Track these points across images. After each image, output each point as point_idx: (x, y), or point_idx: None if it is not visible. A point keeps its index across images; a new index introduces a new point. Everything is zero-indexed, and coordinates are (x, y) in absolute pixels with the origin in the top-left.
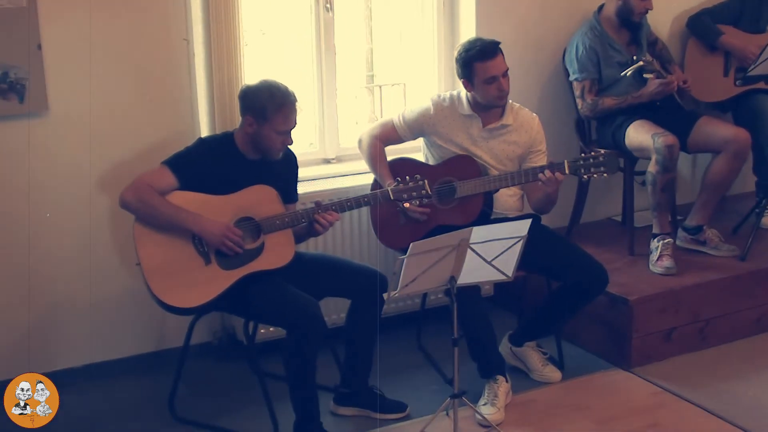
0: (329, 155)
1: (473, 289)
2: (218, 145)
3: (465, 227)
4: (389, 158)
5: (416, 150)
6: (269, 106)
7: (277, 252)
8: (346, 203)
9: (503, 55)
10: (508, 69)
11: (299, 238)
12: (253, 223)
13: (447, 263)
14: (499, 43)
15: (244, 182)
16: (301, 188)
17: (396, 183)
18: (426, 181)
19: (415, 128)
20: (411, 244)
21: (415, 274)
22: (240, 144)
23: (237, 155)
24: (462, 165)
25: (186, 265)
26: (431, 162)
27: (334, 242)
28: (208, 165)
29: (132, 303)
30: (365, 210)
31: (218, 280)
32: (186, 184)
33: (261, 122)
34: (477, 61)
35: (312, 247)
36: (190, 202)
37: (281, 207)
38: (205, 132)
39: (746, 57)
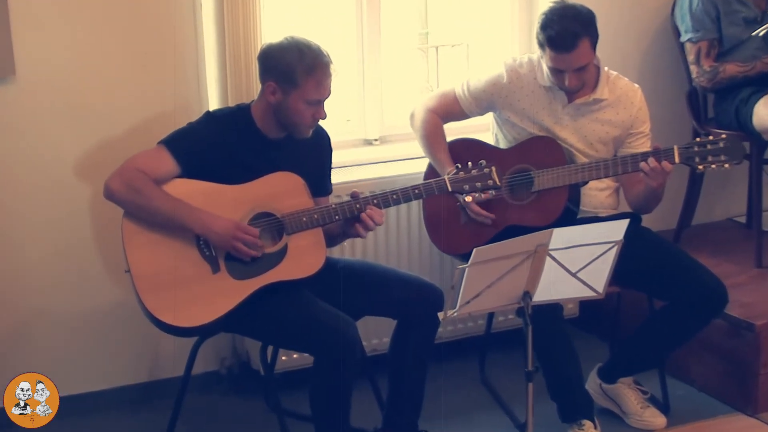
0: (371, 135)
1: (553, 308)
2: (231, 121)
3: (544, 229)
4: (449, 139)
5: (484, 129)
6: (298, 68)
7: (303, 258)
8: (391, 196)
9: (591, 40)
10: (590, 62)
11: (332, 240)
12: (274, 221)
13: (520, 275)
14: (585, 29)
15: (263, 168)
16: (335, 177)
17: (456, 170)
18: (494, 169)
19: (483, 101)
20: (474, 250)
21: (479, 289)
22: (259, 119)
23: (254, 133)
24: (541, 149)
25: (188, 274)
26: (502, 144)
27: (375, 246)
28: (218, 146)
29: (119, 321)
30: (416, 205)
31: (228, 293)
32: (189, 171)
33: (287, 89)
34: (549, 47)
35: (348, 251)
36: (193, 193)
37: (309, 200)
38: (214, 104)
39: None
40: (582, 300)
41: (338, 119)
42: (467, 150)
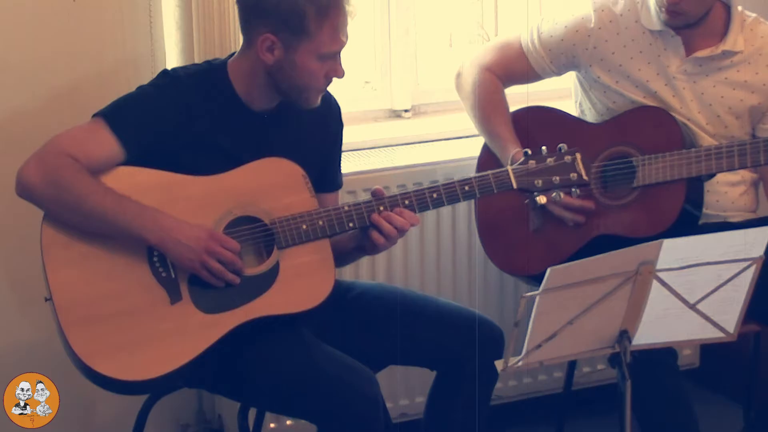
0: (400, 104)
1: (663, 356)
2: (198, 85)
3: (650, 240)
4: (512, 108)
5: (563, 95)
6: (309, 10)
7: (301, 282)
8: (430, 194)
9: None
10: None
11: (343, 257)
12: (260, 229)
13: (615, 307)
14: None
15: (245, 152)
16: (348, 164)
17: (525, 158)
18: (580, 157)
19: (562, 54)
20: (549, 270)
21: (555, 327)
22: (239, 82)
23: (233, 102)
24: (647, 125)
25: (135, 304)
26: (590, 118)
27: (406, 264)
28: (180, 120)
29: (35, 370)
30: (465, 208)
31: (194, 333)
32: (138, 155)
33: (294, 42)
34: None
35: (366, 272)
36: (145, 187)
37: (312, 199)
38: (173, 60)
39: None
40: (704, 343)
41: (353, 82)
42: (539, 125)
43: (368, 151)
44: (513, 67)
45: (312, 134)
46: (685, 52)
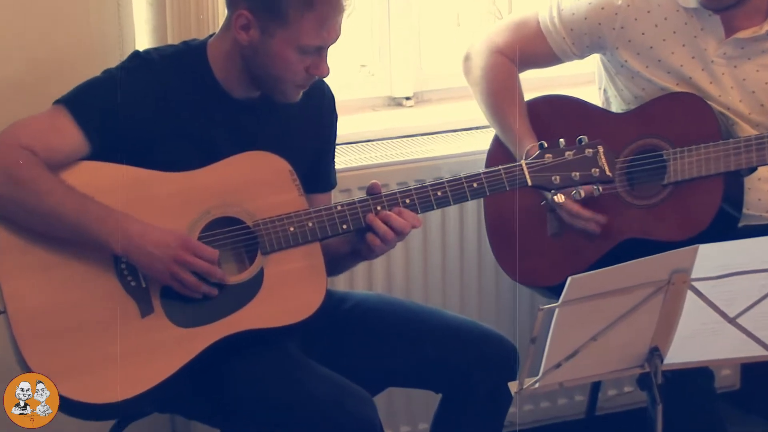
0: (400, 91)
1: (699, 376)
2: (174, 69)
3: (684, 245)
4: (527, 96)
5: (585, 81)
6: None
7: (288, 292)
8: (434, 192)
9: None
10: None
11: (337, 264)
12: (242, 232)
13: (643, 320)
14: None
15: (225, 145)
16: (342, 158)
17: (541, 150)
18: (603, 149)
19: (584, 34)
20: (569, 279)
21: (576, 344)
22: (219, 66)
23: (212, 89)
24: (680, 115)
25: (100, 318)
26: (615, 107)
27: (407, 271)
28: (153, 109)
29: None
30: (473, 207)
31: (167, 350)
32: (104, 148)
33: (270, 26)
34: None
35: (361, 281)
36: (112, 185)
37: (300, 198)
38: (144, 41)
39: None
40: (746, 362)
41: (348, 65)
42: (558, 116)
43: (364, 144)
44: (529, 49)
45: (302, 126)
46: (725, 33)
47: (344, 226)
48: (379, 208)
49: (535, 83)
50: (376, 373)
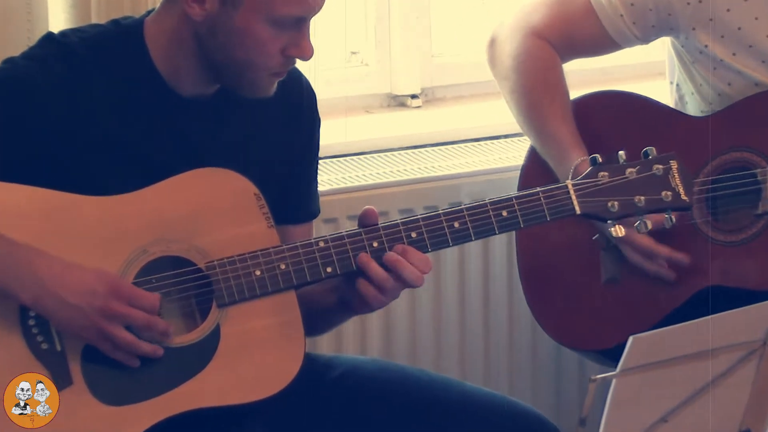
0: (404, 87)
1: None
2: (100, 57)
3: None
4: (573, 94)
5: (653, 73)
6: None
7: (254, 357)
8: (448, 224)
9: None
10: None
11: (319, 318)
12: (191, 276)
13: (730, 395)
14: None
15: (169, 160)
16: (326, 176)
17: (593, 166)
18: (676, 164)
19: (650, 11)
20: (630, 339)
21: (639, 425)
22: (160, 54)
23: (152, 84)
24: None
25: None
26: (691, 107)
27: (413, 328)
28: (72, 112)
29: None
30: (502, 244)
31: None
32: (8, 163)
33: None
34: None
35: (352, 341)
36: (19, 213)
37: (268, 231)
38: (60, 19)
39: None
40: None
41: (334, 52)
42: (615, 119)
43: (356, 158)
44: (576, 31)
45: (271, 134)
46: None
47: (328, 270)
48: (375, 244)
49: (585, 76)
50: None
